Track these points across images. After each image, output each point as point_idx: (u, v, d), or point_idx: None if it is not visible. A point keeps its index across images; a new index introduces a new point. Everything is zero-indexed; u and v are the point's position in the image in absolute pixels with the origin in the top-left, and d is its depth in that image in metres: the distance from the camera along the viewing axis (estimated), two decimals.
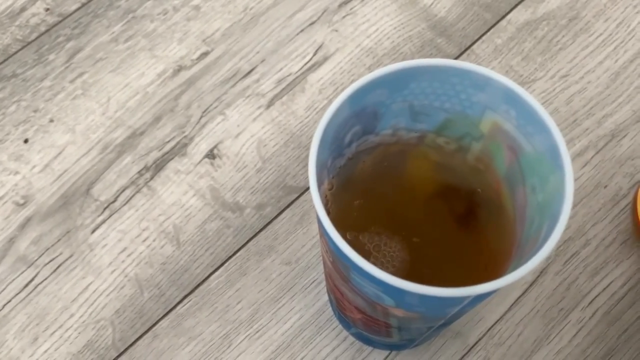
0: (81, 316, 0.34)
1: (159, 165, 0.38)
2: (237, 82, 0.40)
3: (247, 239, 0.36)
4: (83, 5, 0.43)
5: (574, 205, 0.36)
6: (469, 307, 0.23)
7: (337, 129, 0.23)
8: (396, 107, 0.24)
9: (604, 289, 0.34)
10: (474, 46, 0.40)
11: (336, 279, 0.25)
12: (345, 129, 0.23)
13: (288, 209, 0.36)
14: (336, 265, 0.22)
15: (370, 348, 0.33)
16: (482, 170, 0.26)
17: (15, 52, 0.42)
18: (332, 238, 0.20)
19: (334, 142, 0.23)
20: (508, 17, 0.41)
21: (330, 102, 0.39)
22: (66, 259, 0.35)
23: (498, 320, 0.33)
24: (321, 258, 0.35)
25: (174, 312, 0.34)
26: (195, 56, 0.41)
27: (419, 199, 0.26)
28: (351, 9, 0.42)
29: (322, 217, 0.20)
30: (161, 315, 0.34)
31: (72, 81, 0.40)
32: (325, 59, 0.40)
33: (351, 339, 0.33)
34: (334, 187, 0.25)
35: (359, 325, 0.28)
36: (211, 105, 0.39)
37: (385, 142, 0.26)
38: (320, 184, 0.22)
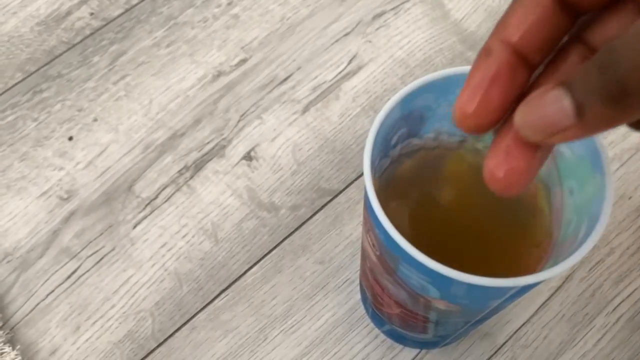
0: (122, 307, 0.35)
1: (198, 166, 0.39)
2: (273, 88, 0.42)
3: (282, 238, 0.37)
4: (126, 10, 0.45)
5: None
6: (509, 302, 0.24)
7: (387, 130, 0.24)
8: (441, 111, 0.26)
9: (628, 295, 0.35)
10: None
11: (379, 273, 0.26)
12: (393, 130, 0.25)
13: (322, 211, 0.38)
14: (383, 258, 0.24)
15: (400, 346, 0.34)
16: None
17: (61, 54, 0.43)
18: (386, 229, 0.21)
19: (382, 142, 0.25)
20: None
21: (363, 109, 0.41)
22: (108, 252, 0.37)
23: (525, 323, 0.34)
24: (355, 257, 0.36)
25: (211, 305, 0.35)
26: (234, 62, 0.42)
27: (456, 200, 0.28)
28: (384, 21, 0.44)
29: (377, 209, 0.21)
30: (199, 309, 0.35)
31: (115, 83, 0.42)
32: (359, 68, 0.42)
33: (382, 337, 0.34)
34: (378, 186, 0.27)
35: (395, 321, 0.30)
36: (249, 109, 0.41)
37: (427, 146, 0.27)
38: None
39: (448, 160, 0.28)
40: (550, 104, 0.15)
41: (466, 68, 0.24)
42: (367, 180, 0.22)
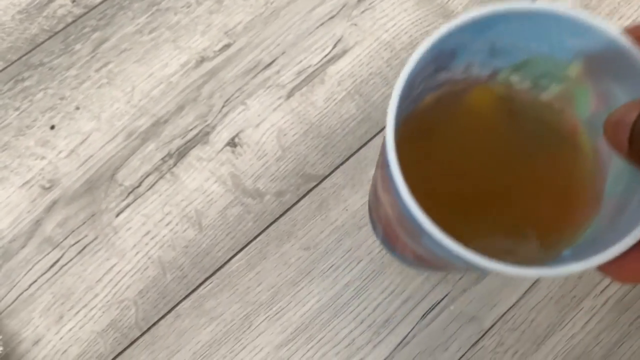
0: (105, 296, 0.35)
1: (181, 153, 0.39)
2: (258, 73, 0.41)
3: (267, 225, 0.37)
4: None
5: None
6: None
7: (414, 78, 0.21)
8: (476, 46, 0.22)
9: None
10: None
11: (398, 229, 0.23)
12: (420, 75, 0.21)
13: (307, 197, 0.37)
14: (404, 223, 0.21)
15: (386, 331, 0.34)
16: (557, 109, 0.23)
17: (43, 42, 0.43)
18: (412, 212, 0.18)
19: (407, 90, 0.21)
20: None
21: (348, 93, 0.40)
22: (91, 241, 0.36)
23: (512, 306, 0.34)
24: (340, 243, 0.36)
25: (195, 293, 0.35)
26: (217, 48, 0.42)
27: (481, 136, 0.24)
28: (370, 4, 0.43)
29: (399, 182, 0.18)
30: (183, 296, 0.35)
31: (97, 70, 0.41)
32: (344, 51, 0.41)
33: (368, 322, 0.34)
34: (398, 137, 0.23)
35: (408, 256, 0.26)
36: (233, 95, 0.40)
37: (453, 79, 0.24)
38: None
39: (473, 91, 0.24)
40: None
41: (511, 6, 0.20)
42: (390, 147, 0.19)
